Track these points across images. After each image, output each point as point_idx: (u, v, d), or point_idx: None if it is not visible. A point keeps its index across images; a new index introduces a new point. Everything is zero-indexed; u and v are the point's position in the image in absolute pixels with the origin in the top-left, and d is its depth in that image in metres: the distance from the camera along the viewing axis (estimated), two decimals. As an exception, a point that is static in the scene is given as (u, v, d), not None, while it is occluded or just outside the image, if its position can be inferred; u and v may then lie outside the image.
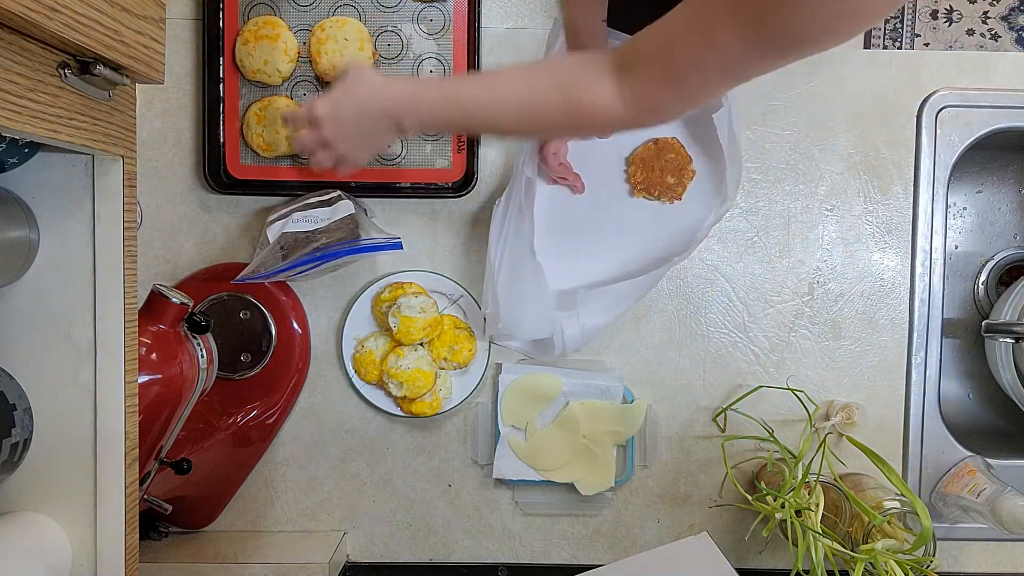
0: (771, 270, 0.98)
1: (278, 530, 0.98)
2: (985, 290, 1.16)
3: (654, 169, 0.95)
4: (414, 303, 0.91)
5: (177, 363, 0.72)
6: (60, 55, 0.48)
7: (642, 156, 0.96)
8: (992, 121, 0.97)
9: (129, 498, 0.61)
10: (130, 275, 0.60)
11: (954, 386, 1.16)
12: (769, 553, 0.98)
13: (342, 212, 0.88)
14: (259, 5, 0.93)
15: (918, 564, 0.78)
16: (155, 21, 0.56)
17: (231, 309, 0.94)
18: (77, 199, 0.58)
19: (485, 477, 0.98)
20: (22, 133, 0.45)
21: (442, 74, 0.94)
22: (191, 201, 0.97)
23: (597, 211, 0.97)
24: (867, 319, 0.98)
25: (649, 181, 0.95)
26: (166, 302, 0.72)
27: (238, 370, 0.94)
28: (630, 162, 0.96)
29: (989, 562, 0.99)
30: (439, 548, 0.99)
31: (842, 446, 0.96)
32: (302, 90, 0.94)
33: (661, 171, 0.95)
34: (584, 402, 0.96)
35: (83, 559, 0.60)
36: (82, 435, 0.60)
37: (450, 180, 0.95)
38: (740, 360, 0.98)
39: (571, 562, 0.99)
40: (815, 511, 0.81)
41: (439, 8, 0.93)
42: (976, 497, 0.90)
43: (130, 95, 0.58)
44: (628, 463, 0.97)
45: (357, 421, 0.98)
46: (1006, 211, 1.16)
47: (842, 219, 0.98)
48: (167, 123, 0.96)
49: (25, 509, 0.61)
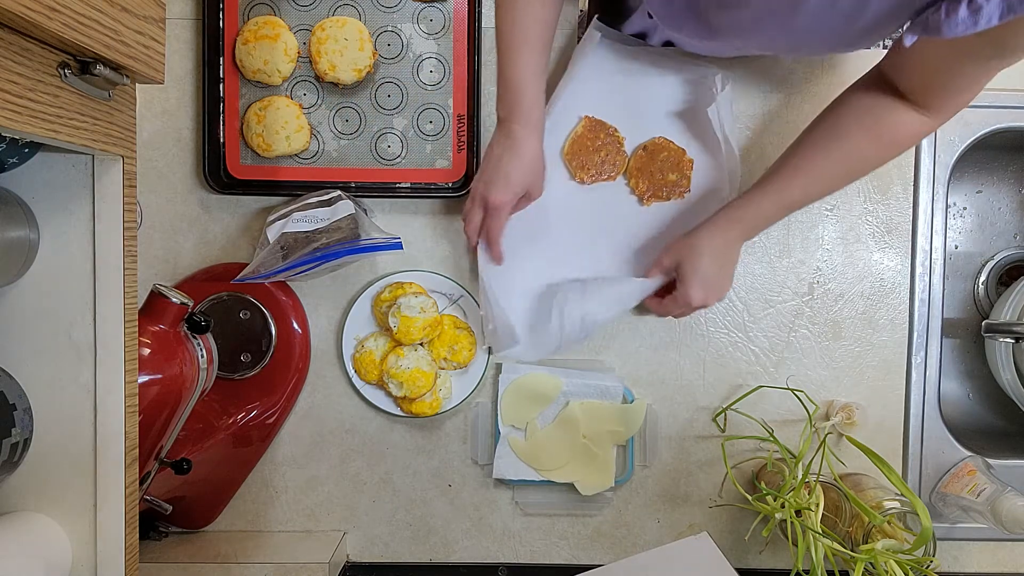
0: (771, 270, 0.98)
1: (278, 530, 0.98)
2: (985, 290, 1.16)
3: (653, 173, 0.95)
4: (414, 303, 0.91)
5: (177, 363, 0.72)
6: (60, 55, 0.48)
7: (636, 166, 0.95)
8: (992, 121, 0.97)
9: (129, 498, 0.61)
10: (130, 275, 0.60)
11: (954, 386, 1.16)
12: (769, 553, 0.98)
13: (342, 212, 0.88)
14: (259, 5, 0.93)
15: (918, 564, 0.78)
16: (155, 21, 0.56)
17: (231, 309, 0.94)
18: (77, 199, 0.58)
19: (485, 477, 0.98)
20: (22, 133, 0.45)
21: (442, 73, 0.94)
22: (191, 201, 0.97)
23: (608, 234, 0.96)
24: (867, 319, 0.98)
25: (653, 186, 0.95)
26: (166, 302, 0.72)
27: (238, 370, 0.94)
28: (628, 175, 0.96)
29: (989, 562, 0.99)
30: (439, 548, 0.99)
31: (842, 446, 0.96)
32: (302, 90, 0.94)
33: (661, 172, 0.95)
34: (584, 402, 0.96)
35: (83, 559, 0.60)
36: (82, 435, 0.59)
37: (450, 180, 0.95)
38: (740, 360, 0.98)
39: (571, 562, 0.99)
40: (815, 511, 0.81)
41: (439, 8, 0.93)
42: (976, 497, 0.90)
43: (130, 95, 0.58)
44: (628, 463, 0.97)
45: (357, 421, 0.98)
46: (1006, 211, 1.16)
47: (842, 219, 0.98)
48: (167, 123, 0.96)
49: (25, 509, 0.60)
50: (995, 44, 0.63)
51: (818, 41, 0.71)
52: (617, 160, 0.95)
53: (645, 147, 0.95)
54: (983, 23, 0.57)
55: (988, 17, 0.57)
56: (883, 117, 0.76)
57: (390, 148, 0.95)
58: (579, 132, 0.95)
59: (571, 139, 0.95)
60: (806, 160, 0.80)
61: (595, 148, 0.95)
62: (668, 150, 0.95)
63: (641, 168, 0.95)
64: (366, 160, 0.95)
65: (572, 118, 0.95)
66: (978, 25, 0.57)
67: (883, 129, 0.76)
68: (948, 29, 0.59)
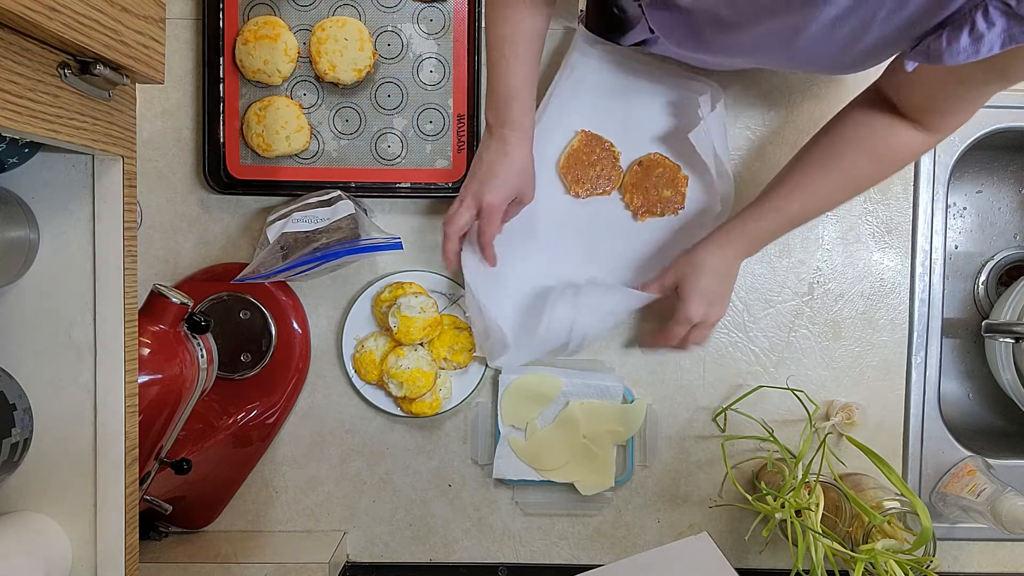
0: (771, 270, 0.98)
1: (278, 530, 0.98)
2: (985, 290, 1.16)
3: (648, 189, 0.95)
4: (414, 303, 0.91)
5: (177, 363, 0.72)
6: (60, 55, 0.48)
7: (631, 181, 0.95)
8: (992, 121, 0.97)
9: (129, 498, 0.61)
10: (130, 275, 0.60)
11: (954, 386, 1.16)
12: (769, 553, 0.98)
13: (342, 212, 0.88)
14: (259, 5, 0.93)
15: (918, 564, 0.78)
16: (155, 21, 0.56)
17: (231, 309, 0.94)
18: (77, 199, 0.58)
19: (485, 477, 0.98)
20: (22, 133, 0.45)
21: (442, 73, 0.94)
22: (191, 201, 0.97)
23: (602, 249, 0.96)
24: (867, 319, 0.98)
25: (648, 201, 0.95)
26: (166, 302, 0.72)
27: (238, 370, 0.94)
28: (623, 190, 0.96)
29: (989, 562, 0.99)
30: (439, 548, 0.99)
31: (842, 446, 0.96)
32: (302, 90, 0.94)
33: (656, 188, 0.95)
34: (584, 402, 0.96)
35: (83, 559, 0.60)
36: (82, 435, 0.59)
37: (450, 180, 0.95)
38: (740, 360, 0.98)
39: (571, 562, 0.99)
40: (815, 511, 0.81)
41: (439, 8, 0.93)
42: (976, 497, 0.90)
43: (130, 95, 0.58)
44: (628, 463, 0.97)
45: (357, 421, 0.98)
46: (1006, 211, 1.16)
47: (842, 219, 0.98)
48: (167, 123, 0.96)
49: (25, 509, 0.61)
50: (996, 71, 0.62)
51: (818, 64, 0.72)
52: (612, 175, 0.95)
53: (640, 162, 0.95)
54: (984, 51, 0.57)
55: (990, 46, 0.56)
56: (882, 135, 0.76)
57: (390, 148, 0.95)
58: (575, 146, 0.95)
59: (567, 153, 0.95)
60: (805, 176, 0.80)
61: (591, 162, 0.95)
62: (663, 166, 0.95)
63: (636, 183, 0.95)
64: (366, 160, 0.95)
65: (568, 132, 0.95)
66: (979, 53, 0.57)
67: (882, 147, 0.76)
68: (950, 57, 0.59)
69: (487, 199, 0.83)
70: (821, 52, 0.67)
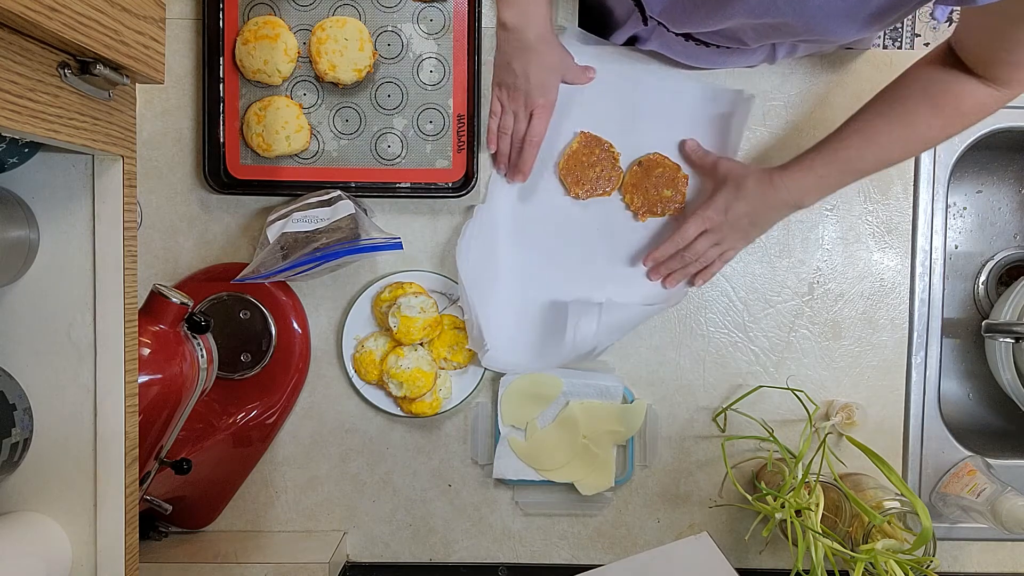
0: (771, 270, 0.98)
1: (278, 530, 0.98)
2: (985, 290, 1.16)
3: (648, 189, 0.95)
4: (414, 303, 0.91)
5: (177, 363, 0.72)
6: (60, 55, 0.48)
7: (631, 181, 0.95)
8: (992, 121, 0.97)
9: (129, 498, 0.61)
10: (130, 275, 0.60)
11: (954, 386, 1.16)
12: (769, 553, 0.98)
13: (342, 212, 0.88)
14: (259, 5, 0.93)
15: (918, 564, 0.78)
16: (155, 21, 0.56)
17: (231, 309, 0.94)
18: (77, 199, 0.58)
19: (485, 477, 0.98)
20: (22, 133, 0.45)
21: (442, 73, 0.94)
22: (191, 201, 0.97)
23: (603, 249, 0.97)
24: (867, 319, 0.98)
25: (648, 201, 0.95)
26: (166, 302, 0.72)
27: (238, 370, 0.94)
28: (623, 191, 0.96)
29: (989, 562, 0.99)
30: (439, 548, 0.99)
31: (842, 446, 0.96)
32: (302, 90, 0.94)
33: (655, 188, 0.95)
34: (584, 402, 0.96)
35: (83, 559, 0.60)
36: (82, 435, 0.59)
37: (450, 180, 0.95)
38: (740, 360, 0.98)
39: (571, 562, 0.99)
40: (815, 511, 0.81)
41: (439, 8, 0.93)
42: (976, 497, 0.90)
43: (130, 95, 0.58)
44: (628, 463, 0.97)
45: (357, 421, 0.98)
46: (1006, 211, 1.16)
47: (842, 219, 0.98)
48: (167, 123, 0.96)
49: (25, 509, 0.60)
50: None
51: (833, 22, 0.70)
52: (612, 175, 0.95)
53: (640, 163, 0.95)
54: None
55: None
56: (943, 86, 0.75)
57: (390, 148, 0.95)
58: (574, 147, 0.95)
59: (566, 154, 0.95)
60: (865, 123, 0.79)
61: (590, 163, 0.95)
62: (663, 166, 0.95)
63: (636, 184, 0.95)
64: (366, 160, 0.95)
65: (567, 134, 0.95)
66: None
67: (942, 97, 0.75)
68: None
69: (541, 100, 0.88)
70: (836, 5, 0.66)
